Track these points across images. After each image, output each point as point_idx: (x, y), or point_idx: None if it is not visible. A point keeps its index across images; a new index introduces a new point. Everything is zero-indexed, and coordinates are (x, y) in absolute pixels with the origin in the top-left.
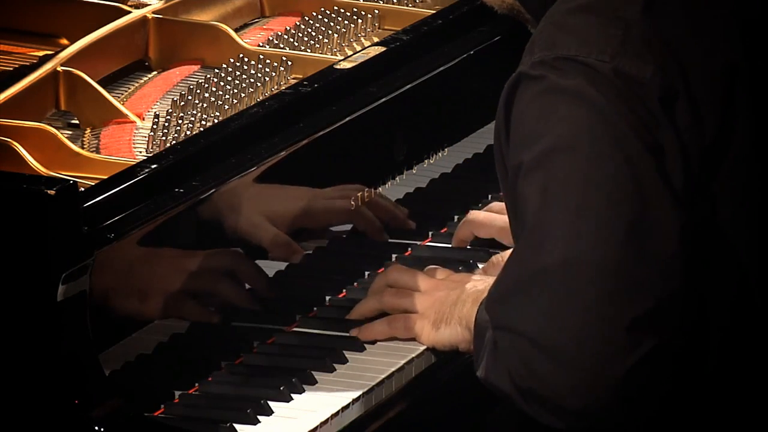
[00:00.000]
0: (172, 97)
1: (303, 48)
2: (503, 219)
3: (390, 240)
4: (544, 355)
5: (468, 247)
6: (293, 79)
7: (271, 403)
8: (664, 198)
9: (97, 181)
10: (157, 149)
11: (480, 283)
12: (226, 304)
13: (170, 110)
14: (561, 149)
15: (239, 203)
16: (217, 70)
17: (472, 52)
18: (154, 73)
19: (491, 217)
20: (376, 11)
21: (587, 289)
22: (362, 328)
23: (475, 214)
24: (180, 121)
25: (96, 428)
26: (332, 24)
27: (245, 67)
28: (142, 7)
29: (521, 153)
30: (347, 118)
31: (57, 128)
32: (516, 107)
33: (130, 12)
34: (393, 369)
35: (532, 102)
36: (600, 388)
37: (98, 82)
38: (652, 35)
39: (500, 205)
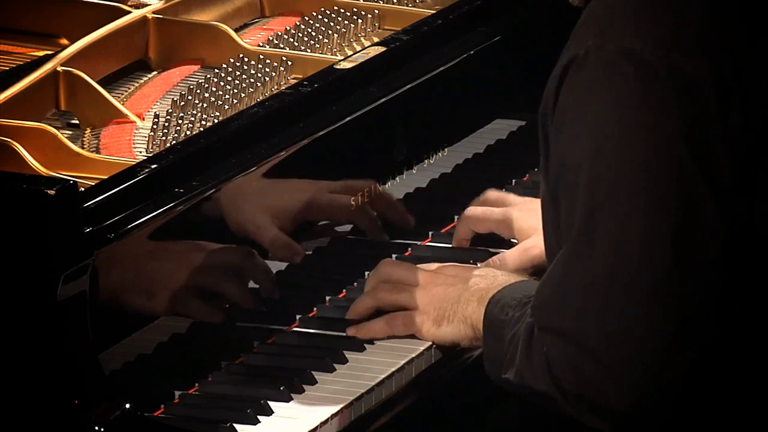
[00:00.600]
0: (172, 97)
1: (303, 48)
2: (500, 211)
3: (390, 240)
4: (592, 358)
5: (469, 246)
6: (293, 79)
7: (271, 403)
8: (710, 201)
9: (97, 181)
10: (157, 149)
11: (481, 280)
12: (225, 304)
13: (170, 110)
14: (608, 151)
15: (239, 203)
16: (217, 70)
17: (472, 52)
18: (154, 73)
19: (487, 211)
20: (376, 11)
21: (636, 294)
22: (360, 327)
23: (471, 210)
24: (180, 121)
25: (96, 428)
26: (332, 24)
27: (245, 67)
28: (142, 7)
29: (568, 148)
30: (347, 118)
31: (57, 128)
32: (563, 96)
33: (130, 12)
34: (393, 369)
35: (581, 94)
36: (649, 389)
37: (98, 82)
38: (709, 27)
39: (495, 194)
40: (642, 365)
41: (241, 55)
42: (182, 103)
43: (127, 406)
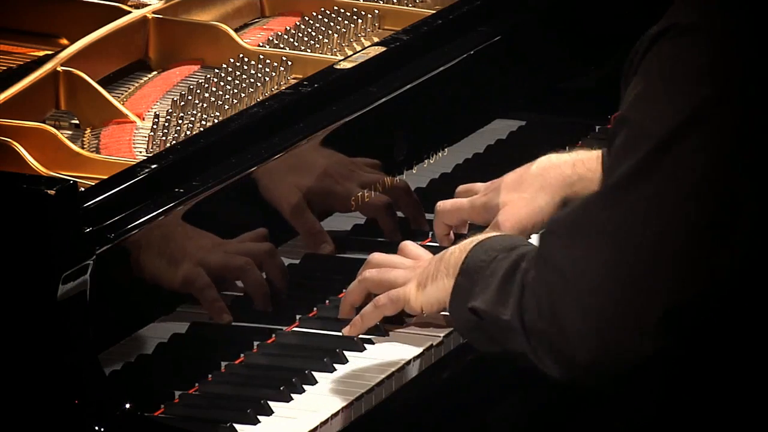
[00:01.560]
0: (172, 97)
1: (303, 48)
2: (468, 199)
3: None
4: (572, 300)
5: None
6: (293, 79)
7: (271, 403)
8: (753, 198)
9: (97, 181)
10: (157, 149)
11: (464, 239)
12: (225, 304)
13: (170, 110)
14: (672, 135)
15: (239, 203)
16: (217, 70)
17: (472, 52)
18: (154, 73)
19: (457, 202)
20: (376, 11)
21: (639, 265)
22: (351, 323)
23: (441, 205)
24: (180, 121)
25: (96, 428)
26: (332, 24)
27: (245, 67)
28: (142, 7)
29: (639, 113)
30: (347, 118)
31: (57, 128)
32: (654, 56)
33: (130, 12)
34: (393, 369)
35: (672, 61)
36: (609, 355)
37: (98, 82)
38: None
39: (462, 187)
40: (614, 329)
41: (241, 55)
42: (182, 103)
43: (127, 406)
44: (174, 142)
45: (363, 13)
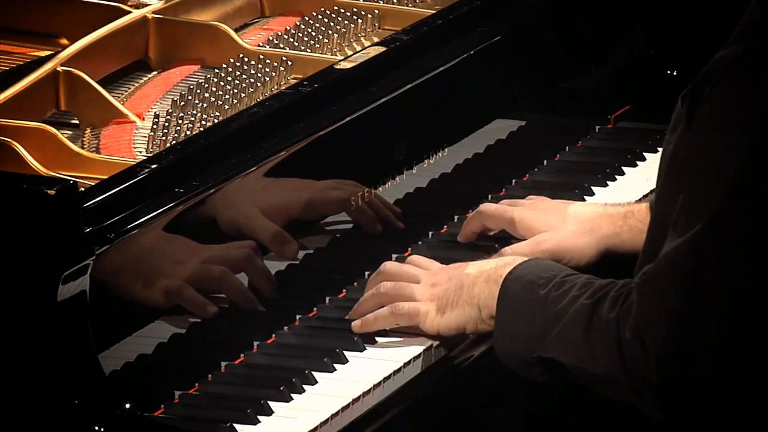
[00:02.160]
0: (172, 97)
1: (303, 48)
2: (513, 210)
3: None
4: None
5: (474, 241)
6: (293, 79)
7: (271, 403)
8: None
9: (97, 181)
10: (157, 149)
11: (485, 263)
12: (226, 304)
13: (170, 110)
14: (745, 170)
15: (239, 203)
16: (217, 70)
17: (472, 52)
18: (154, 73)
19: (501, 209)
20: (376, 11)
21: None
22: (363, 319)
23: (487, 206)
24: (180, 121)
25: (96, 428)
26: (332, 24)
27: (245, 67)
28: (142, 7)
29: (709, 148)
30: (347, 118)
31: (57, 128)
32: (730, 83)
33: (130, 12)
34: (393, 369)
35: (747, 92)
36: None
37: (98, 82)
38: None
39: (508, 200)
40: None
41: (241, 55)
42: (182, 103)
43: (127, 406)
44: (174, 142)
45: (363, 13)
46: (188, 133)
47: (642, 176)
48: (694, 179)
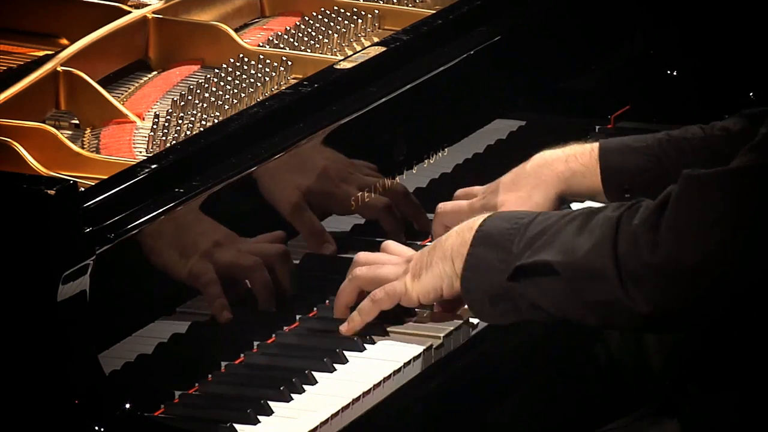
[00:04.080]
0: (172, 97)
1: (303, 48)
2: (469, 202)
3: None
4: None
5: None
6: (293, 79)
7: (271, 403)
8: None
9: (97, 181)
10: (157, 149)
11: (454, 228)
12: (225, 304)
13: (170, 110)
14: None
15: (239, 203)
16: (217, 70)
17: (472, 52)
18: (154, 73)
19: (457, 204)
20: (376, 11)
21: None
22: (349, 321)
23: (442, 207)
24: (180, 121)
25: (96, 428)
26: (332, 24)
27: (245, 67)
28: (142, 7)
29: None
30: (347, 118)
31: (57, 128)
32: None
33: (130, 12)
34: (393, 369)
35: None
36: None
37: (98, 82)
38: None
39: (461, 190)
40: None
41: (241, 55)
42: (182, 103)
43: (127, 406)
44: (174, 142)
45: (363, 13)
46: (188, 133)
47: None
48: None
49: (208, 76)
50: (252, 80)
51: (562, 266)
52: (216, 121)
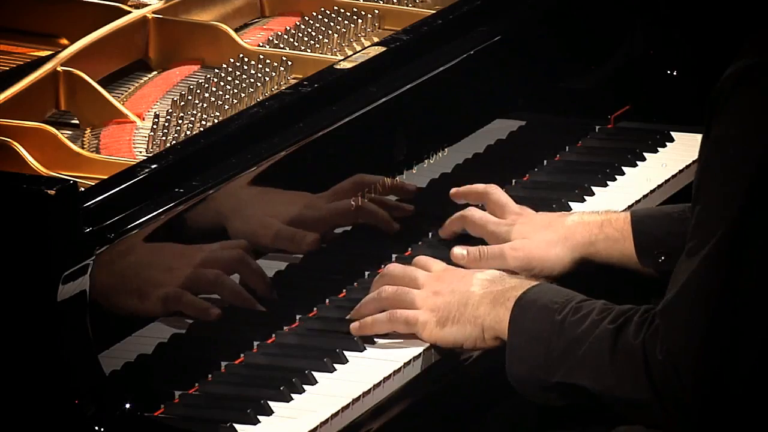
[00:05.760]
0: (172, 97)
1: (303, 48)
2: (496, 222)
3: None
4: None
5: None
6: (293, 79)
7: (271, 403)
8: None
9: (97, 181)
10: (157, 149)
11: (489, 284)
12: (226, 304)
13: (170, 110)
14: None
15: (239, 203)
16: (217, 70)
17: (472, 52)
18: (154, 73)
19: (486, 218)
20: (376, 11)
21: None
22: (362, 322)
23: (472, 211)
24: (180, 121)
25: (96, 428)
26: (332, 24)
27: (245, 67)
28: (142, 7)
29: (721, 162)
30: (347, 118)
31: (57, 128)
32: (739, 99)
33: (130, 12)
34: (393, 369)
35: (757, 107)
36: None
37: (98, 82)
38: None
39: (496, 195)
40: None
41: (241, 55)
42: (182, 103)
43: (127, 406)
44: (174, 142)
45: (363, 13)
46: (188, 133)
47: (642, 176)
48: (708, 194)
49: (208, 76)
50: (252, 80)
51: (602, 395)
52: (216, 121)
